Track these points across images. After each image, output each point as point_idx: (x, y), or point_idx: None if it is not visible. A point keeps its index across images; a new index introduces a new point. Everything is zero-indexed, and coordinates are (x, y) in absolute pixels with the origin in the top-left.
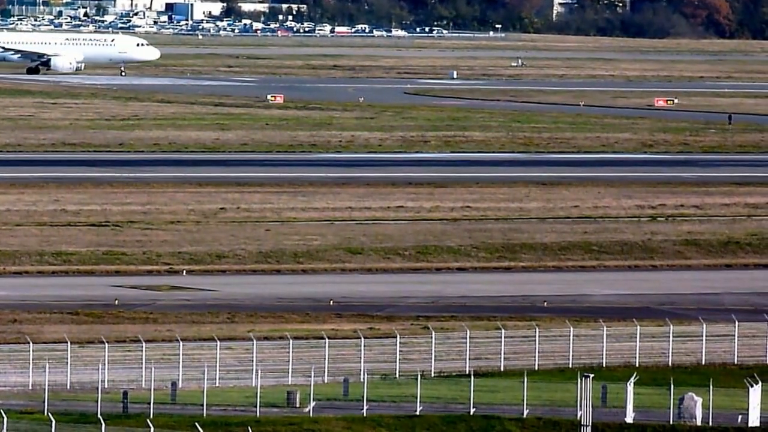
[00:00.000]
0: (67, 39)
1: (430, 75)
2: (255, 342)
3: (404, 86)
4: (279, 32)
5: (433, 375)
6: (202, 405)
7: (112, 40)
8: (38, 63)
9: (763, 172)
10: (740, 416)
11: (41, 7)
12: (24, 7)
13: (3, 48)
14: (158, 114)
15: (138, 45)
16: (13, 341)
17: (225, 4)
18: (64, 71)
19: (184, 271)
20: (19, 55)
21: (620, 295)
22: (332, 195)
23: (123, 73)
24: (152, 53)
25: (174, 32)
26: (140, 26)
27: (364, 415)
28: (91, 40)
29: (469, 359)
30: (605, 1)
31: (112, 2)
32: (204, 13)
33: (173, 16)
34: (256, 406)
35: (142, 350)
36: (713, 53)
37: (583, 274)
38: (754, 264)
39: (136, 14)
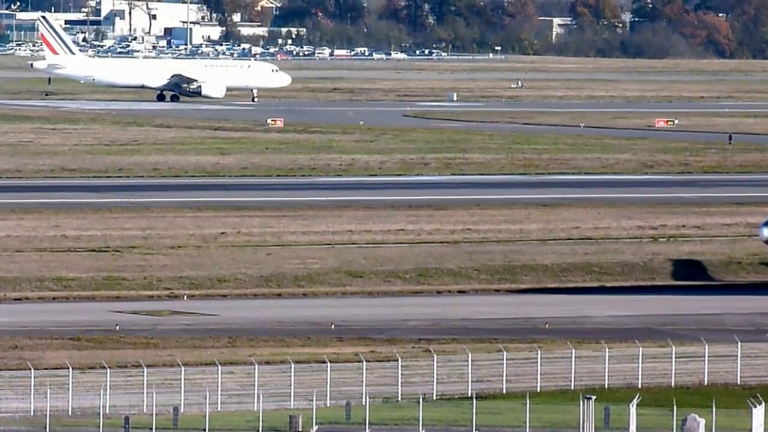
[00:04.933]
0: (205, 65)
1: (429, 97)
2: (256, 366)
3: (404, 109)
4: (278, 56)
5: (435, 398)
6: (204, 430)
7: (248, 66)
8: (186, 91)
9: (763, 191)
10: None
11: (39, 32)
12: (22, 32)
13: (173, 75)
14: (157, 139)
15: (273, 71)
16: (14, 367)
17: (224, 29)
18: (214, 97)
19: (185, 296)
20: (170, 82)
21: (622, 316)
22: (332, 218)
23: (255, 99)
24: (285, 79)
25: (173, 57)
26: (139, 51)
27: None
28: (227, 66)
29: (471, 382)
30: (604, 22)
31: (111, 27)
32: (203, 37)
33: (172, 40)
34: (258, 431)
35: (143, 375)
36: (713, 73)
37: (584, 295)
38: (755, 284)
39: (134, 39)
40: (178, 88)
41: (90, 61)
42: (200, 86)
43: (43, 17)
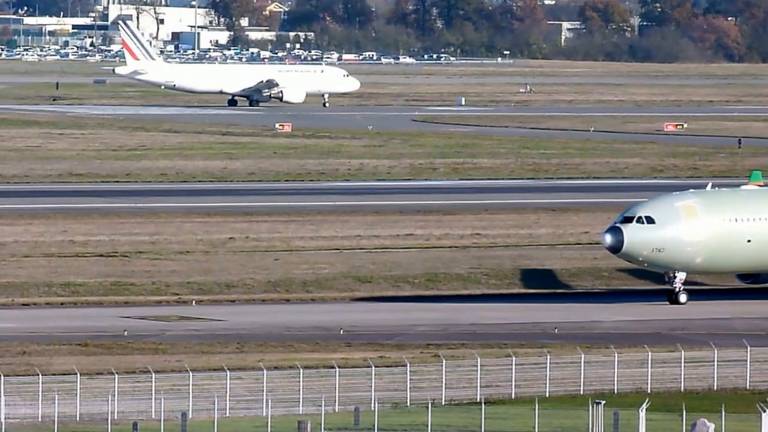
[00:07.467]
0: (280, 71)
1: (438, 102)
2: (265, 371)
3: (412, 113)
4: (286, 60)
5: (443, 403)
6: None
7: (321, 71)
8: (265, 96)
9: None
10: None
11: (47, 37)
12: (30, 37)
13: (265, 81)
14: (165, 144)
15: (344, 76)
16: (22, 373)
17: (232, 33)
18: (294, 102)
19: (193, 301)
20: (251, 88)
21: (631, 321)
22: (341, 223)
23: (326, 104)
24: (354, 84)
25: (181, 62)
26: None
27: None
28: (301, 71)
29: (480, 387)
30: (613, 26)
31: (119, 32)
32: (211, 41)
33: (180, 45)
34: None
35: (151, 381)
36: (722, 77)
37: (593, 300)
38: (764, 288)
39: None
40: (258, 94)
41: (170, 67)
42: (281, 91)
43: (124, 22)
